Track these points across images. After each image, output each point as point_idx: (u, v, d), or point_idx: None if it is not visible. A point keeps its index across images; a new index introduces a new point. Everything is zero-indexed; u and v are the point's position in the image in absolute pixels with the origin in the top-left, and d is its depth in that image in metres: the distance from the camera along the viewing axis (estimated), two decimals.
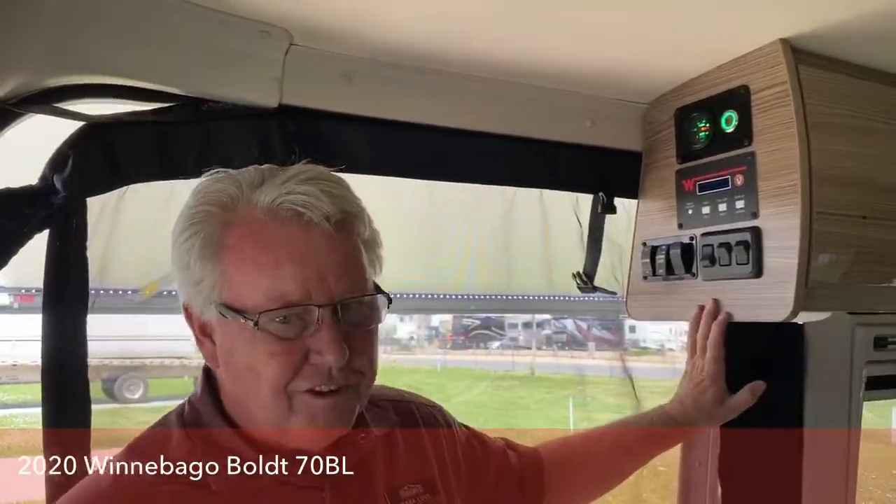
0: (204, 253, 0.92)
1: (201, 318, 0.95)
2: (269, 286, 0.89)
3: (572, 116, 1.58)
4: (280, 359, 0.90)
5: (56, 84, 1.15)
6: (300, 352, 0.91)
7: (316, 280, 0.89)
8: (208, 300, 0.93)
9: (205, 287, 0.92)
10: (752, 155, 1.42)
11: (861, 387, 2.01)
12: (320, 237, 0.90)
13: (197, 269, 0.92)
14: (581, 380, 11.12)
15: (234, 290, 0.91)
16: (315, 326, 0.90)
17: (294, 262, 0.89)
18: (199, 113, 1.24)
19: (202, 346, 0.97)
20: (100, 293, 1.42)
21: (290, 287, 0.89)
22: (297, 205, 0.89)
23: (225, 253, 0.91)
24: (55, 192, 1.16)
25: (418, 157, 1.43)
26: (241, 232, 0.91)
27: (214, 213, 0.92)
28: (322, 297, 0.90)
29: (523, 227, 1.75)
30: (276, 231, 0.90)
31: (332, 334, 0.89)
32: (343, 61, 1.33)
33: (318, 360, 0.91)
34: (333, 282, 0.90)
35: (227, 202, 0.92)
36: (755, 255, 1.40)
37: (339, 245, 0.91)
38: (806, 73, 1.37)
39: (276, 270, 0.89)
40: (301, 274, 0.89)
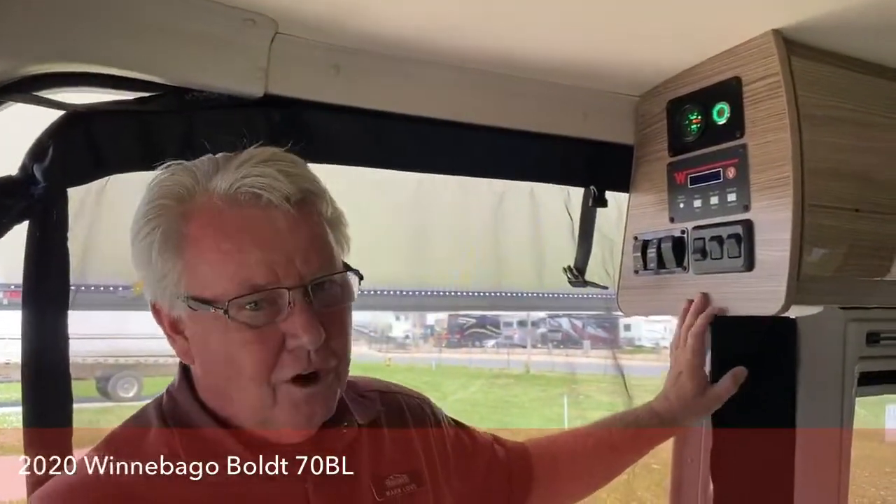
0: (165, 247, 0.90)
1: (171, 315, 0.93)
2: (234, 272, 0.87)
3: (563, 109, 1.57)
4: (256, 347, 0.89)
5: (36, 72, 1.13)
6: (276, 338, 0.89)
7: (283, 262, 0.88)
8: (175, 295, 0.91)
9: (170, 282, 0.91)
10: (744, 147, 1.40)
11: (854, 382, 2.00)
12: (282, 218, 0.88)
13: (159, 264, 0.90)
14: (576, 378, 11.12)
15: (200, 281, 0.89)
16: (287, 310, 0.88)
17: (258, 246, 0.87)
18: (183, 102, 1.22)
19: (174, 342, 0.95)
20: (90, 289, 1.40)
21: (257, 271, 0.87)
22: (254, 187, 0.88)
23: (186, 244, 0.89)
24: (35, 183, 1.14)
25: (406, 148, 1.41)
26: (200, 221, 0.89)
27: (171, 206, 0.90)
28: (291, 280, 0.88)
29: (514, 222, 1.73)
30: (235, 216, 0.88)
31: (305, 316, 0.88)
32: (330, 51, 1.31)
33: (295, 344, 0.89)
34: (301, 263, 0.89)
35: (182, 194, 0.91)
36: (747, 249, 1.38)
37: (303, 225, 0.90)
38: (798, 65, 1.36)
39: (240, 256, 0.87)
40: (266, 257, 0.87)
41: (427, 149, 1.44)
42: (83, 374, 8.85)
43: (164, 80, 1.21)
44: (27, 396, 1.16)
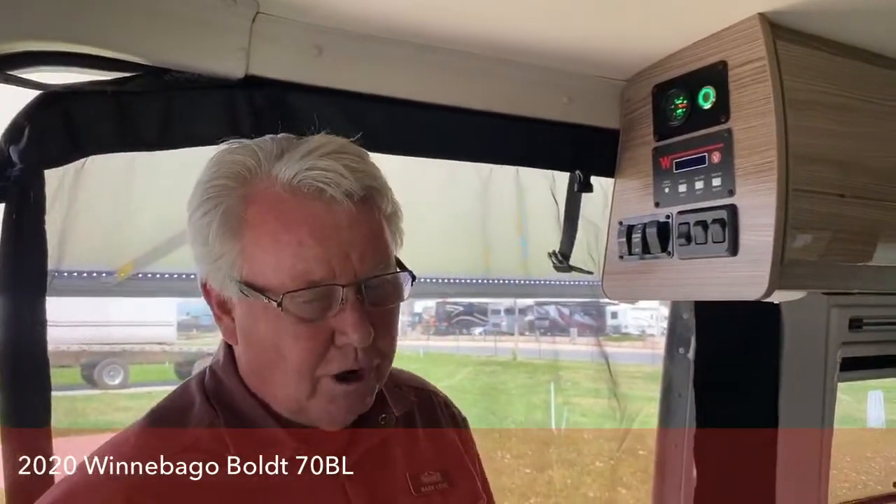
0: (223, 229, 0.89)
1: (220, 295, 0.93)
2: (291, 265, 0.87)
3: (549, 93, 1.56)
4: (305, 342, 0.89)
5: (10, 51, 1.11)
6: (325, 333, 0.89)
7: (340, 258, 0.87)
8: (228, 276, 0.90)
9: (224, 263, 0.90)
10: (730, 132, 1.40)
11: (836, 367, 2.03)
12: (343, 214, 0.87)
13: (216, 245, 0.90)
14: (562, 365, 11.17)
15: (256, 268, 0.88)
16: (339, 306, 0.88)
17: (317, 241, 0.87)
18: (162, 83, 1.20)
19: (220, 321, 0.95)
20: (72, 275, 1.38)
21: (314, 266, 0.87)
22: (318, 181, 0.86)
23: (245, 229, 0.88)
24: (11, 164, 1.12)
25: (390, 131, 1.39)
26: (261, 207, 0.88)
27: (232, 187, 0.89)
28: (346, 276, 0.87)
29: (499, 205, 1.72)
30: (297, 208, 0.87)
31: (357, 314, 0.87)
32: (313, 31, 1.29)
33: (344, 341, 0.89)
34: (357, 260, 0.88)
35: (244, 174, 0.89)
36: (731, 233, 1.38)
37: (363, 222, 0.89)
38: (784, 49, 1.36)
39: (298, 249, 0.87)
40: (324, 252, 0.87)
41: (410, 132, 1.43)
42: (68, 362, 8.78)
43: (143, 59, 1.19)
44: (4, 382, 1.14)
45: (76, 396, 8.18)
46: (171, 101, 1.21)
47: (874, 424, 8.30)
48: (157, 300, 9.88)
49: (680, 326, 1.98)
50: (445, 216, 1.78)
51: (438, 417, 1.14)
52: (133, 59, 1.18)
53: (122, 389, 9.27)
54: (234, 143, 0.93)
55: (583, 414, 9.47)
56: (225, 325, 0.95)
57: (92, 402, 8.25)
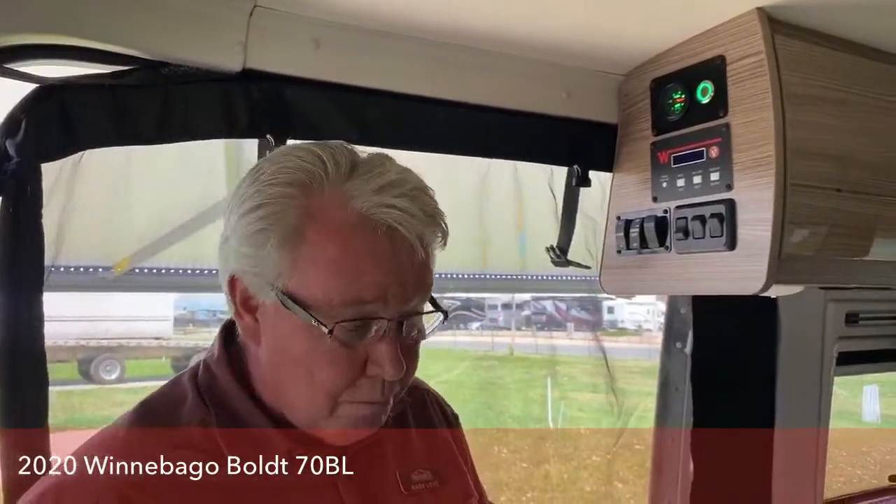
0: (281, 241, 0.85)
1: (248, 293, 0.90)
2: (345, 290, 0.85)
3: (547, 87, 1.55)
4: (339, 367, 0.87)
5: (6, 44, 1.10)
6: (359, 361, 0.88)
7: (394, 292, 0.86)
8: (269, 284, 0.87)
9: (269, 270, 0.86)
10: (727, 126, 1.40)
11: (832, 362, 2.03)
12: (408, 252, 0.85)
13: (268, 253, 0.86)
14: (559, 360, 11.18)
15: (304, 284, 0.85)
16: (378, 336, 0.87)
17: (377, 270, 0.85)
18: (160, 76, 1.20)
19: (241, 319, 0.92)
20: (69, 270, 1.38)
21: (369, 296, 0.85)
22: (394, 220, 0.84)
23: (303, 245, 0.85)
24: (8, 158, 1.11)
25: (388, 125, 1.39)
26: (325, 228, 0.85)
27: (294, 196, 0.86)
28: (395, 310, 0.86)
29: (497, 200, 1.72)
30: (364, 240, 0.84)
31: (394, 348, 0.87)
32: (311, 25, 1.29)
33: (375, 372, 0.88)
34: (409, 294, 0.87)
35: (308, 183, 0.86)
36: (729, 228, 1.38)
37: (424, 263, 0.87)
38: (782, 44, 1.35)
39: (358, 278, 0.85)
40: (382, 282, 0.85)
41: (408, 126, 1.42)
42: (65, 357, 8.76)
43: (140, 53, 1.18)
44: (2, 377, 1.13)
45: (73, 391, 8.16)
46: (169, 95, 1.20)
47: (869, 419, 8.34)
48: (154, 295, 9.86)
49: (677, 321, 1.98)
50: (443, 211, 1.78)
51: (431, 416, 1.13)
52: (130, 52, 1.18)
53: (118, 384, 9.24)
54: (298, 145, 0.92)
55: (580, 409, 9.49)
56: (246, 323, 0.92)
57: (89, 397, 8.23)
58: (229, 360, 0.95)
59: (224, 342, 0.96)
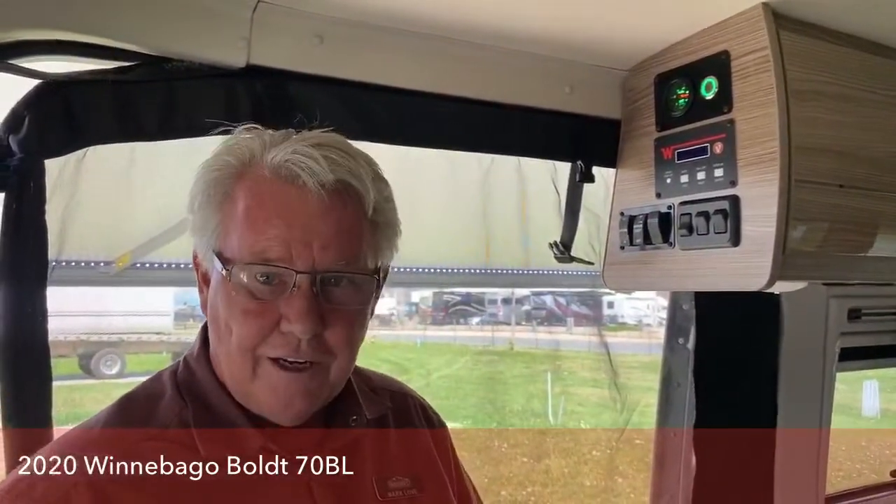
0: (212, 201, 0.92)
1: (203, 265, 0.96)
2: (253, 241, 0.88)
3: (551, 82, 1.55)
4: (252, 319, 0.89)
5: (9, 39, 1.10)
6: (273, 315, 0.89)
7: (300, 244, 0.87)
8: (209, 247, 0.92)
9: (207, 233, 0.93)
10: (732, 122, 1.39)
11: (835, 358, 2.03)
12: (315, 203, 0.88)
13: (201, 215, 0.93)
14: (559, 355, 11.20)
15: (227, 240, 0.91)
16: (290, 292, 0.88)
17: (281, 221, 0.88)
18: (163, 72, 1.19)
19: (201, 294, 0.97)
20: (71, 265, 1.38)
21: (273, 245, 0.87)
22: (296, 165, 0.88)
23: (228, 203, 0.91)
24: (11, 154, 1.12)
25: (391, 121, 1.39)
26: (245, 185, 0.91)
27: (232, 165, 0.92)
28: (303, 264, 0.87)
29: (500, 196, 1.72)
30: (273, 189, 0.89)
31: (303, 303, 0.87)
32: (314, 20, 1.28)
33: (287, 328, 0.88)
34: (318, 250, 0.88)
35: (245, 157, 0.92)
36: (733, 224, 1.38)
37: (333, 214, 0.88)
38: (787, 39, 1.35)
39: (263, 226, 0.88)
40: (285, 234, 0.87)
41: (411, 122, 1.42)
42: (66, 352, 8.77)
43: (144, 48, 1.18)
44: (5, 373, 1.13)
45: (74, 386, 8.17)
46: (172, 91, 1.20)
47: (869, 414, 8.35)
48: (154, 290, 9.87)
49: (679, 317, 1.98)
50: (446, 206, 1.78)
51: (413, 421, 1.12)
52: (133, 48, 1.17)
53: (119, 379, 9.26)
54: (251, 128, 0.95)
55: (580, 403, 9.51)
56: (203, 297, 0.97)
57: (90, 392, 8.24)
58: (207, 356, 0.97)
59: (203, 340, 0.99)
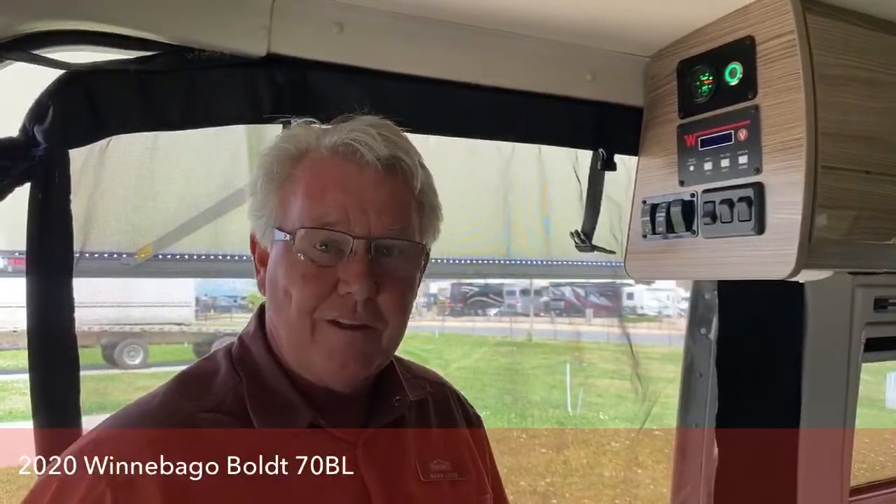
0: (271, 184, 0.98)
1: (261, 246, 1.00)
2: (312, 209, 0.94)
3: (572, 70, 1.53)
4: (311, 283, 0.93)
5: (34, 30, 1.11)
6: (331, 279, 0.93)
7: (357, 210, 0.93)
8: (268, 225, 0.98)
9: (266, 213, 0.98)
10: (757, 108, 1.37)
11: (860, 348, 2.00)
12: (370, 174, 0.94)
13: (261, 196, 0.98)
14: (578, 346, 11.15)
15: (286, 214, 0.96)
16: (348, 257, 0.93)
17: (339, 190, 0.94)
18: (184, 61, 1.19)
19: (258, 274, 1.02)
20: (94, 256, 1.39)
21: (331, 211, 0.93)
22: (355, 142, 0.94)
23: (287, 182, 0.97)
24: (36, 144, 1.12)
25: (412, 109, 1.37)
26: (304, 165, 0.97)
27: (288, 150, 0.98)
28: (360, 230, 0.93)
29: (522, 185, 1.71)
30: (331, 165, 0.95)
31: (361, 266, 0.92)
32: (334, 9, 1.28)
33: (345, 290, 0.93)
34: (374, 217, 0.93)
35: (302, 144, 0.98)
36: (758, 212, 1.36)
37: (386, 185, 0.95)
38: (814, 23, 1.32)
39: (322, 195, 0.94)
40: (343, 201, 0.93)
41: (431, 110, 1.41)
42: (89, 342, 8.89)
43: (165, 38, 1.18)
44: (34, 364, 1.15)
45: (97, 376, 8.29)
46: (194, 81, 1.20)
47: (893, 406, 8.25)
48: (175, 281, 9.97)
49: (702, 307, 1.96)
50: (466, 196, 1.77)
51: (452, 411, 1.17)
52: (155, 38, 1.18)
53: (142, 369, 9.38)
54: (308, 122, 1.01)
55: (599, 395, 9.48)
56: (260, 277, 1.01)
57: (113, 382, 8.37)
58: (263, 335, 1.01)
59: (260, 320, 1.03)
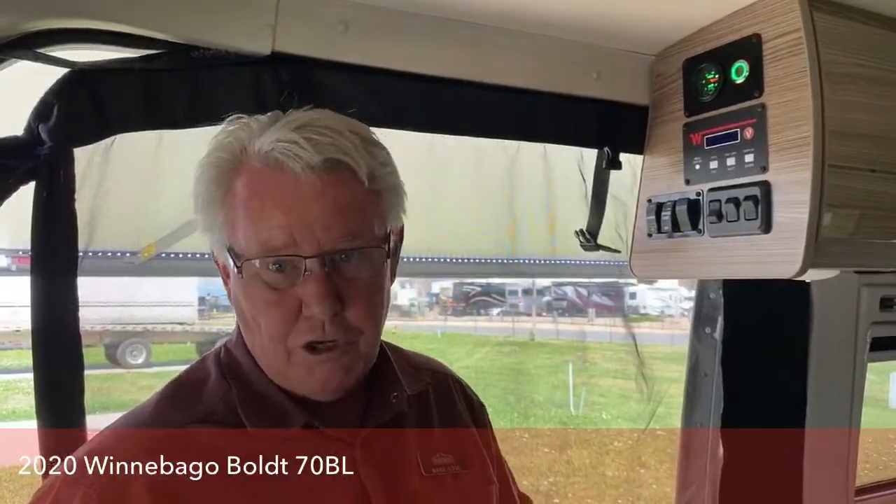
0: (214, 199, 0.92)
1: (220, 261, 0.97)
2: (256, 233, 0.89)
3: (577, 68, 1.53)
4: (275, 309, 0.90)
5: (38, 28, 1.10)
6: (295, 300, 0.89)
7: (301, 229, 0.88)
8: (223, 244, 0.93)
9: (216, 230, 0.94)
10: (763, 107, 1.37)
11: (866, 347, 1.99)
12: (307, 185, 0.87)
13: (207, 214, 0.93)
14: (581, 345, 11.16)
15: (234, 234, 0.91)
16: (304, 276, 0.88)
17: (279, 210, 0.88)
18: (189, 60, 1.19)
19: (226, 286, 0.98)
20: (98, 255, 1.39)
21: (276, 234, 0.88)
22: (281, 153, 0.88)
23: (230, 198, 0.91)
24: (41, 143, 1.12)
25: (417, 108, 1.38)
26: (241, 180, 0.91)
27: (225, 160, 0.92)
28: (309, 247, 0.88)
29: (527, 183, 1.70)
30: (266, 179, 0.89)
31: (318, 286, 0.88)
32: (339, 7, 1.27)
33: (309, 312, 0.89)
34: (321, 232, 0.88)
35: (237, 149, 0.92)
36: (764, 211, 1.36)
37: (328, 193, 0.88)
38: (821, 21, 1.32)
39: (263, 217, 0.88)
40: (285, 222, 0.88)
41: (437, 108, 1.41)
42: (92, 341, 8.90)
43: (170, 37, 1.18)
44: (38, 363, 1.15)
45: (100, 376, 8.31)
46: (199, 79, 1.20)
47: None
48: (178, 280, 9.99)
49: (707, 306, 1.96)
50: (471, 195, 1.76)
51: (454, 401, 1.14)
52: (160, 36, 1.17)
53: (144, 369, 9.40)
54: (234, 118, 0.95)
55: (601, 394, 9.48)
56: (228, 290, 0.98)
57: (116, 382, 8.39)
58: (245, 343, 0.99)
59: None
